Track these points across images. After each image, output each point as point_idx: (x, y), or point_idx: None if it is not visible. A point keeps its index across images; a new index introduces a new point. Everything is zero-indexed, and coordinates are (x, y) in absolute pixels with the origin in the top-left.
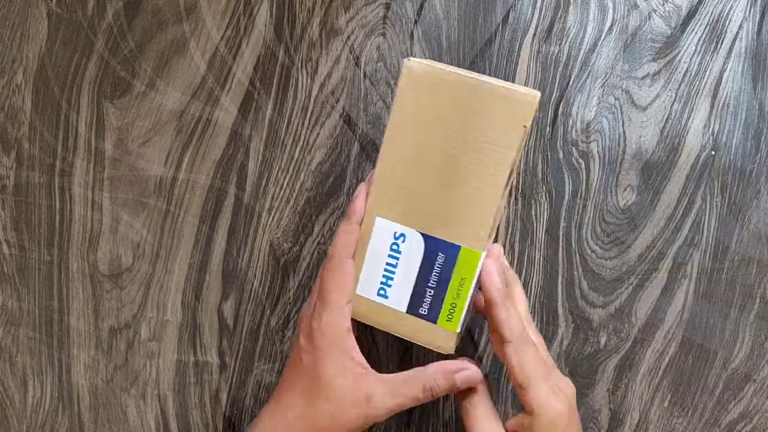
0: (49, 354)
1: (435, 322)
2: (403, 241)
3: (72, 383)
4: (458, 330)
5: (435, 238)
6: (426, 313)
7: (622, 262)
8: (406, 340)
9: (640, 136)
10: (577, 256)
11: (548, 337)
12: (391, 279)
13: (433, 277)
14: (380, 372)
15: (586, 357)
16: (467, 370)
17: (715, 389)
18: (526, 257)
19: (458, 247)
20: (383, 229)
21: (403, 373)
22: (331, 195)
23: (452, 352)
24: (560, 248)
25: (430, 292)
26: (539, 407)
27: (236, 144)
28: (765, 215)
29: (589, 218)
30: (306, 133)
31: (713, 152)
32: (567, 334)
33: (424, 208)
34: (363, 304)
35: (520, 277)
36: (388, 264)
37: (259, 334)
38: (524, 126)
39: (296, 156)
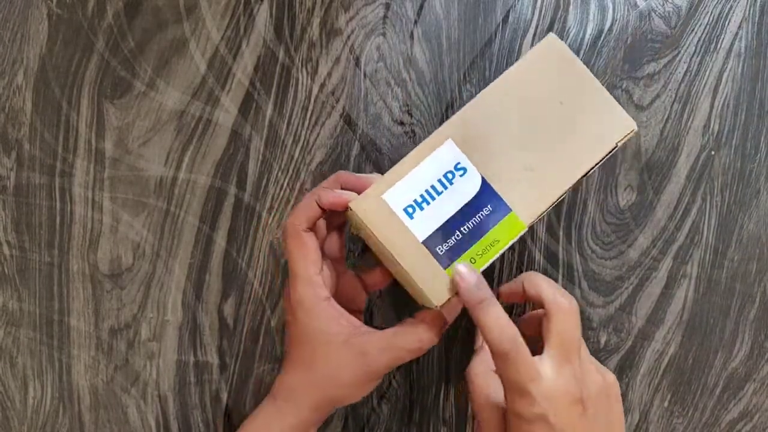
0: (50, 354)
1: (444, 268)
2: (461, 175)
3: (72, 384)
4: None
5: (493, 188)
6: (441, 254)
7: (622, 262)
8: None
9: (640, 136)
10: (577, 256)
11: None
12: (428, 204)
13: (469, 224)
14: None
15: None
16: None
17: (715, 389)
18: (526, 257)
19: (509, 210)
20: (448, 153)
21: (394, 327)
22: None
23: (438, 306)
24: (560, 248)
25: (458, 236)
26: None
27: (236, 144)
28: (765, 215)
29: (589, 218)
30: (306, 133)
31: (713, 152)
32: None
33: (495, 159)
34: (380, 209)
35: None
36: (432, 187)
37: (260, 334)
38: (616, 144)
39: (296, 156)
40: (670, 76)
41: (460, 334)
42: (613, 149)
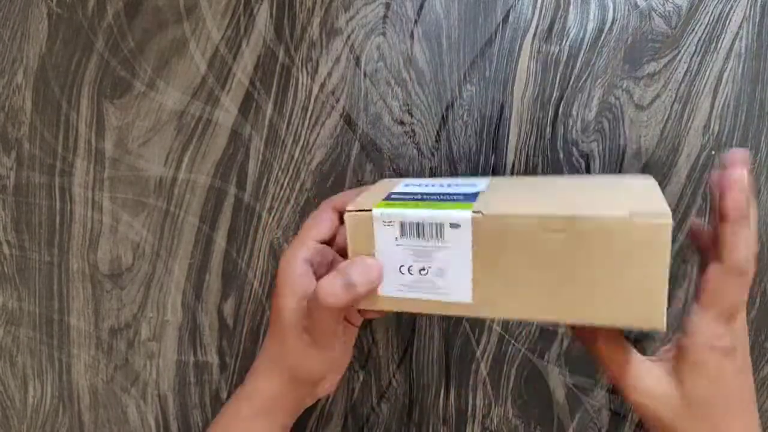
0: (50, 354)
1: (371, 203)
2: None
3: (72, 383)
4: (373, 211)
5: (479, 194)
6: (382, 198)
7: None
8: (404, 346)
9: (640, 136)
10: None
11: (548, 338)
12: (417, 186)
13: (428, 197)
14: (379, 373)
15: (586, 357)
16: (360, 265)
17: None
18: None
19: (473, 200)
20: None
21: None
22: (331, 195)
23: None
24: None
25: (408, 195)
26: (692, 334)
27: (236, 144)
28: (765, 215)
29: None
30: (306, 132)
31: (713, 152)
32: (567, 334)
33: (505, 198)
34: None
35: None
36: (432, 184)
37: (259, 334)
38: (629, 213)
39: (296, 156)
40: (670, 75)
41: (460, 332)
42: (624, 217)
